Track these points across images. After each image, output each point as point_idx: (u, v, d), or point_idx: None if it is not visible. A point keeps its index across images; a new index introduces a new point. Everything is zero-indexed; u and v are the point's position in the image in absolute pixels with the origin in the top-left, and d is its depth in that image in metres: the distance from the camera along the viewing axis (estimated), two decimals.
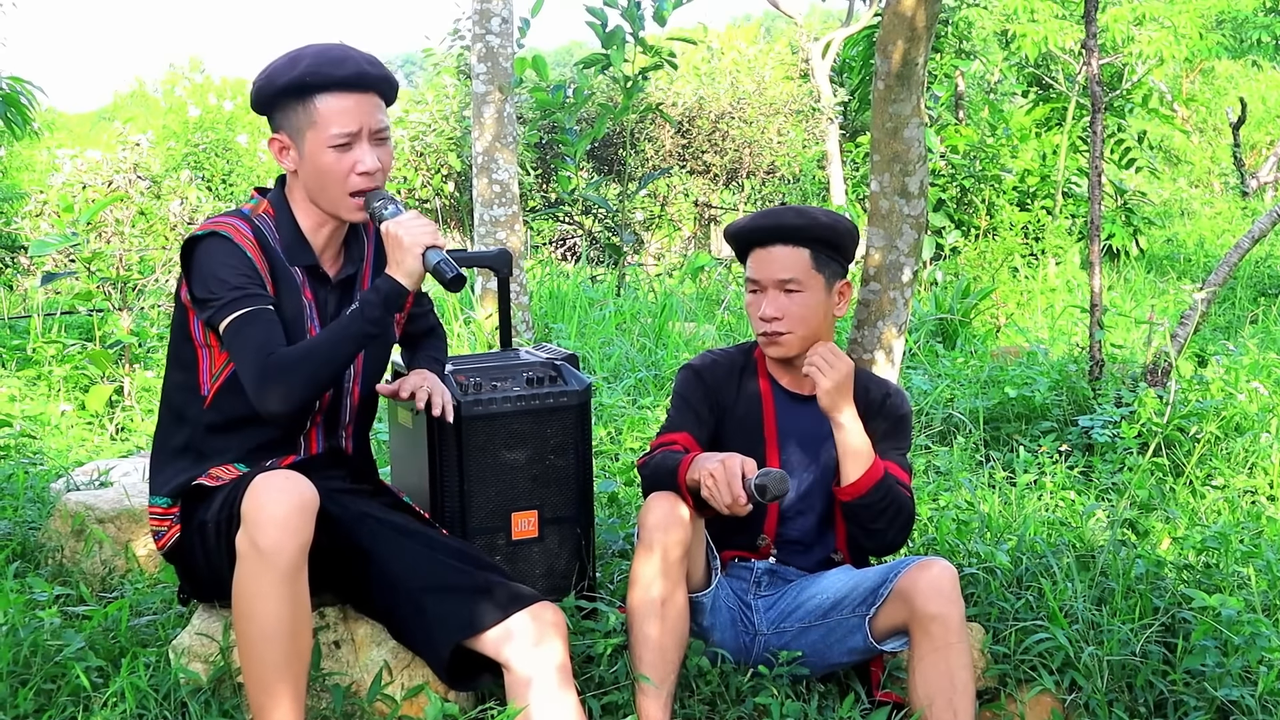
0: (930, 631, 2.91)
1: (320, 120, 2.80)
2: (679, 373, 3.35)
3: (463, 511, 3.22)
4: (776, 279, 3.17)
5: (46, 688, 2.91)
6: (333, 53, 2.83)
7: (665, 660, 2.92)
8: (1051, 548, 3.77)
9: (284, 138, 2.84)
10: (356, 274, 3.01)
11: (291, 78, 2.79)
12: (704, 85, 16.16)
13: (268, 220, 2.87)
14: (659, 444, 3.17)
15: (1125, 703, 3.15)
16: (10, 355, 6.97)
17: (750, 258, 3.24)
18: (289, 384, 2.69)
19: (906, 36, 3.72)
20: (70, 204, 6.88)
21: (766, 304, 3.18)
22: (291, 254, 2.87)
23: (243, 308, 2.71)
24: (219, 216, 2.85)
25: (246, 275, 2.74)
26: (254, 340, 2.70)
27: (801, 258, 3.18)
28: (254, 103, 2.89)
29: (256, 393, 2.69)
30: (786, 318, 3.17)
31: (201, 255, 2.76)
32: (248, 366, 2.69)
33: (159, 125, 15.53)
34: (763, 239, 3.20)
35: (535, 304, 8.93)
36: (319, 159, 2.81)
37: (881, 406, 3.28)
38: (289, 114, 2.82)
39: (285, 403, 2.70)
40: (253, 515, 2.53)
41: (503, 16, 7.56)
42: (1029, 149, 12.26)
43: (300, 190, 2.89)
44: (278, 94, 2.81)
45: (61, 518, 3.94)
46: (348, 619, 3.00)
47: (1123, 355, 6.33)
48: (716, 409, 3.24)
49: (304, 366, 2.70)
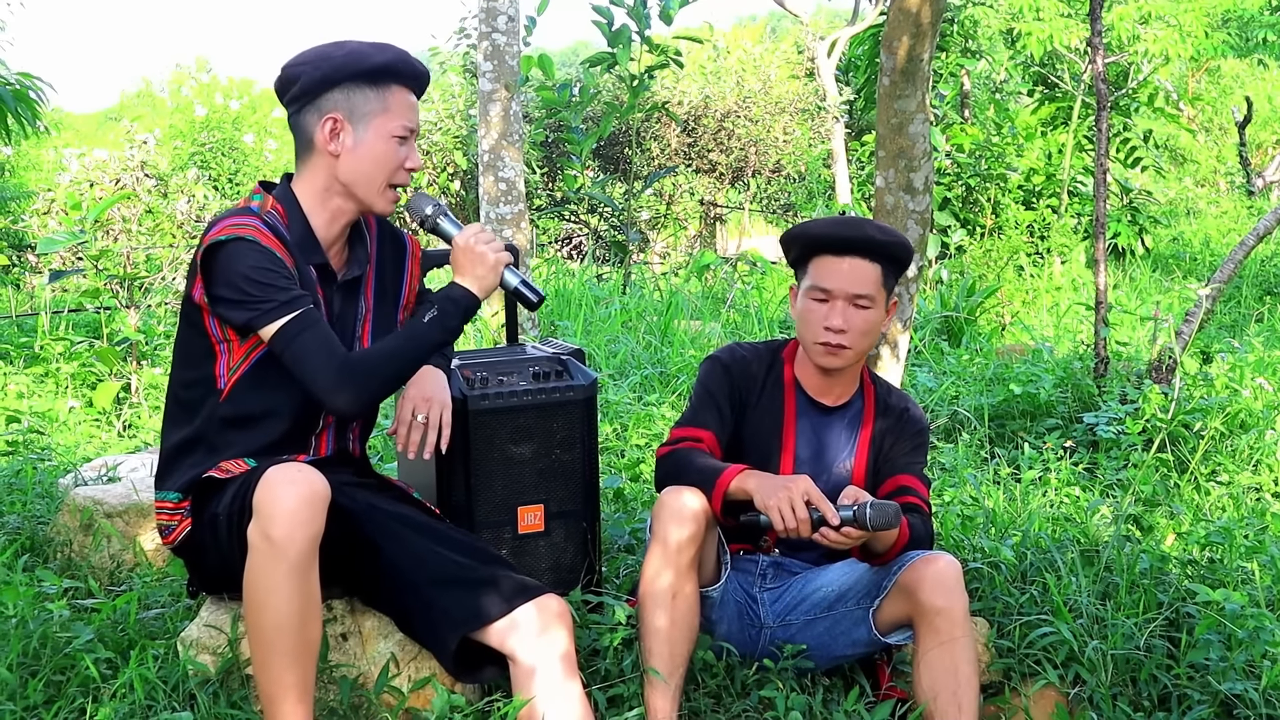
0: (935, 625, 2.92)
1: (392, 109, 2.86)
2: (705, 363, 3.34)
3: (469, 505, 3.24)
4: (850, 292, 3.13)
5: (56, 679, 2.94)
6: (403, 51, 2.92)
7: (674, 653, 2.93)
8: (1056, 543, 3.78)
9: (340, 119, 2.84)
10: (362, 276, 3.03)
11: (380, 62, 2.85)
12: (710, 84, 16.21)
13: (278, 217, 2.87)
14: (682, 436, 3.18)
15: (1129, 697, 3.16)
16: (18, 352, 7.02)
17: (820, 264, 3.18)
18: (368, 386, 2.76)
19: (912, 32, 3.74)
20: (78, 202, 6.93)
21: (836, 315, 3.13)
22: (302, 251, 2.88)
23: (292, 310, 2.73)
24: (232, 217, 2.83)
25: (285, 277, 2.76)
26: (318, 342, 2.73)
27: (876, 274, 3.16)
28: (314, 80, 2.85)
29: (330, 393, 2.73)
30: (851, 331, 3.14)
31: (228, 259, 2.75)
32: (318, 368, 2.72)
33: (166, 125, 15.57)
34: (841, 248, 3.16)
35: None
36: (378, 145, 2.86)
37: (901, 419, 3.29)
38: (356, 97, 2.84)
39: (358, 404, 2.76)
40: (265, 507, 2.55)
41: (509, 15, 7.58)
42: (1034, 148, 12.28)
43: (315, 185, 2.90)
44: (358, 75, 2.84)
45: (70, 512, 3.97)
46: (355, 612, 3.02)
47: (1127, 353, 6.36)
48: (739, 406, 3.23)
49: (384, 369, 2.78)
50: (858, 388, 3.31)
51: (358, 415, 2.88)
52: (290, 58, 2.92)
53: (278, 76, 2.90)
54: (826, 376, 3.25)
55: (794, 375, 3.29)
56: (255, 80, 18.25)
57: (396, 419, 3.05)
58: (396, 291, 3.14)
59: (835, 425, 3.24)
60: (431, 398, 3.05)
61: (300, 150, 2.92)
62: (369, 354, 2.81)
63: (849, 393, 3.28)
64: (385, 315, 3.09)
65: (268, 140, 15.39)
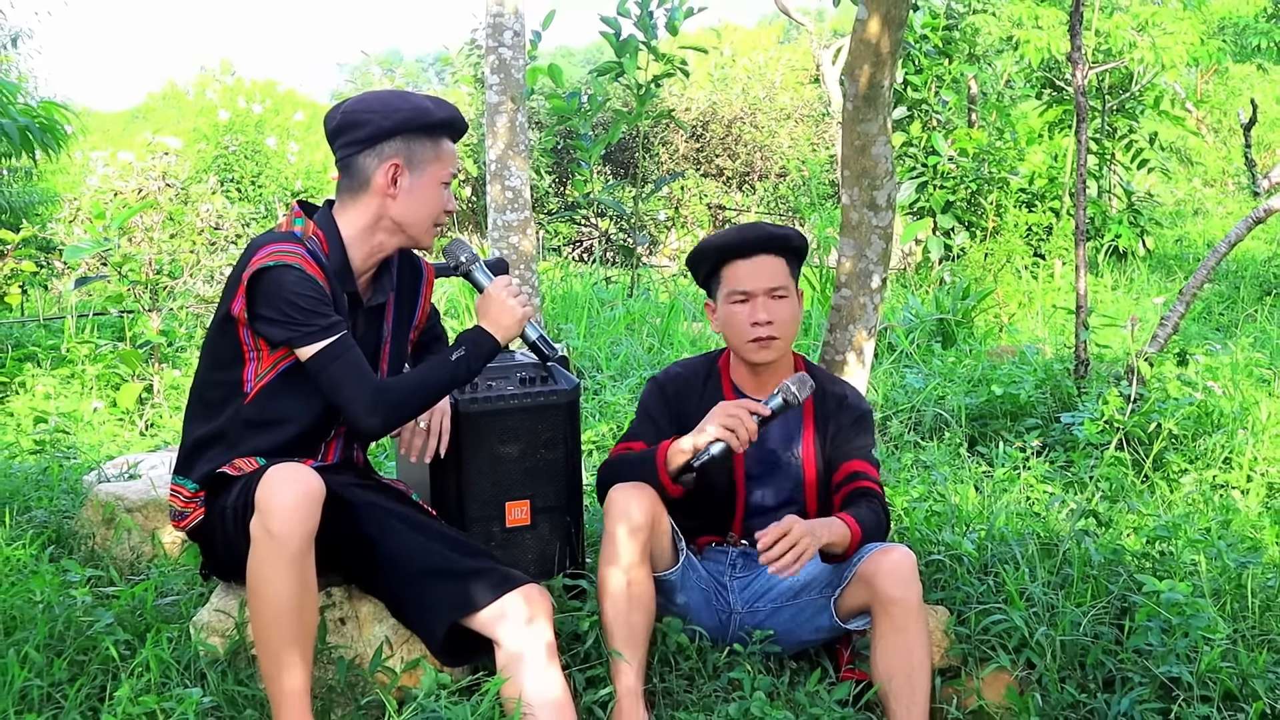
0: (890, 612, 3.10)
1: (443, 158, 3.13)
2: (645, 386, 3.59)
3: (460, 500, 3.44)
4: (766, 287, 3.38)
5: (79, 659, 3.16)
6: (455, 109, 3.20)
7: (634, 636, 3.14)
8: (1017, 537, 3.93)
9: (400, 164, 3.08)
10: (385, 303, 3.25)
11: (440, 118, 3.11)
12: (717, 91, 16.37)
13: (318, 244, 3.08)
14: (617, 451, 3.42)
15: (1077, 679, 3.31)
16: (45, 354, 7.23)
17: (731, 270, 3.42)
18: (398, 413, 3.03)
19: (872, 61, 3.95)
20: (102, 211, 7.12)
21: (760, 310, 3.37)
22: (338, 279, 3.09)
23: (331, 335, 2.96)
24: (278, 243, 3.02)
25: (325, 303, 2.98)
26: (354, 368, 2.98)
27: (783, 266, 3.42)
28: (382, 129, 3.06)
29: (363, 416, 2.98)
30: (777, 321, 3.38)
31: (274, 284, 2.96)
32: (353, 392, 2.96)
33: (189, 128, 15.72)
34: (746, 250, 3.40)
35: (548, 305, 9.15)
36: (430, 190, 3.12)
37: (840, 407, 3.50)
38: (415, 145, 3.09)
39: (387, 427, 3.04)
40: (265, 503, 2.76)
41: (515, 30, 7.81)
42: (1037, 151, 12.39)
43: (361, 221, 3.11)
44: (422, 128, 3.09)
45: (93, 507, 4.19)
46: (352, 598, 3.23)
47: (1109, 355, 6.52)
48: (678, 420, 3.43)
49: (413, 400, 3.04)
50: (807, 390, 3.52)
51: (383, 435, 3.12)
52: (348, 102, 3.13)
53: (339, 119, 3.09)
54: (761, 374, 3.47)
55: (731, 379, 3.51)
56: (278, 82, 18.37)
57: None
58: (412, 314, 3.37)
59: (780, 420, 3.44)
60: (433, 407, 3.29)
61: (351, 187, 3.11)
62: (401, 383, 3.05)
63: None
64: (400, 339, 3.33)
65: (289, 143, 15.53)
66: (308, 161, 15.73)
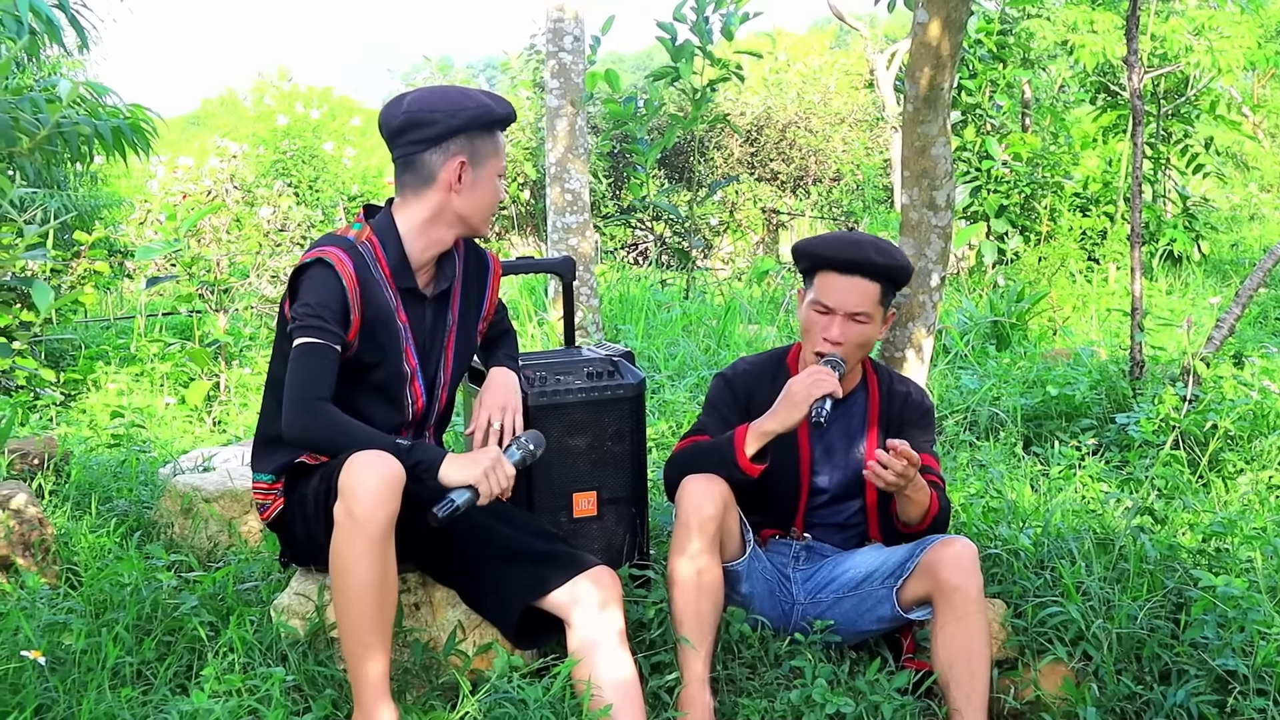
0: (951, 601, 3.17)
1: (500, 152, 3.22)
2: (712, 381, 3.65)
3: (529, 491, 3.54)
4: (850, 310, 3.40)
5: (166, 639, 3.28)
6: (510, 105, 3.27)
7: (703, 624, 3.22)
8: (1074, 533, 3.96)
9: (466, 161, 3.16)
10: (449, 289, 3.33)
11: (502, 115, 3.20)
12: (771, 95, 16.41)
13: (371, 249, 3.16)
14: (684, 445, 3.48)
15: (1133, 672, 3.34)
16: (115, 353, 7.39)
17: (824, 279, 3.44)
18: (308, 433, 3.00)
19: (933, 64, 4.02)
20: (173, 212, 7.29)
21: (834, 328, 3.40)
22: (395, 278, 3.18)
23: (315, 336, 3.02)
24: (327, 245, 3.13)
25: (329, 308, 3.04)
26: (311, 373, 3.01)
27: (874, 292, 3.43)
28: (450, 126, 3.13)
29: (287, 415, 3.00)
30: (847, 344, 3.41)
31: (304, 279, 3.09)
32: (295, 391, 3.00)
33: (248, 133, 15.89)
34: (844, 268, 3.41)
35: (605, 306, 9.24)
36: (490, 183, 3.20)
37: (905, 402, 3.58)
38: (478, 142, 3.17)
39: (293, 439, 3.04)
40: (349, 487, 2.84)
41: (575, 35, 7.92)
42: (1091, 156, 12.35)
43: (421, 215, 3.18)
44: (487, 124, 3.18)
45: (171, 498, 4.33)
46: (426, 584, 3.34)
47: (1164, 357, 6.52)
48: (746, 415, 3.46)
49: (326, 434, 2.99)
50: (861, 378, 3.59)
51: (290, 442, 3.09)
52: (408, 99, 3.17)
53: (402, 117, 3.12)
54: None
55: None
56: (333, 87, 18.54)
57: (474, 424, 3.34)
58: (479, 305, 3.44)
59: (844, 417, 3.52)
60: (505, 405, 3.35)
61: (412, 182, 3.17)
62: (333, 417, 3.00)
63: (852, 384, 3.56)
64: (468, 328, 3.39)
65: (346, 148, 15.68)
66: (364, 166, 15.88)
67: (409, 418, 3.27)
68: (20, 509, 3.86)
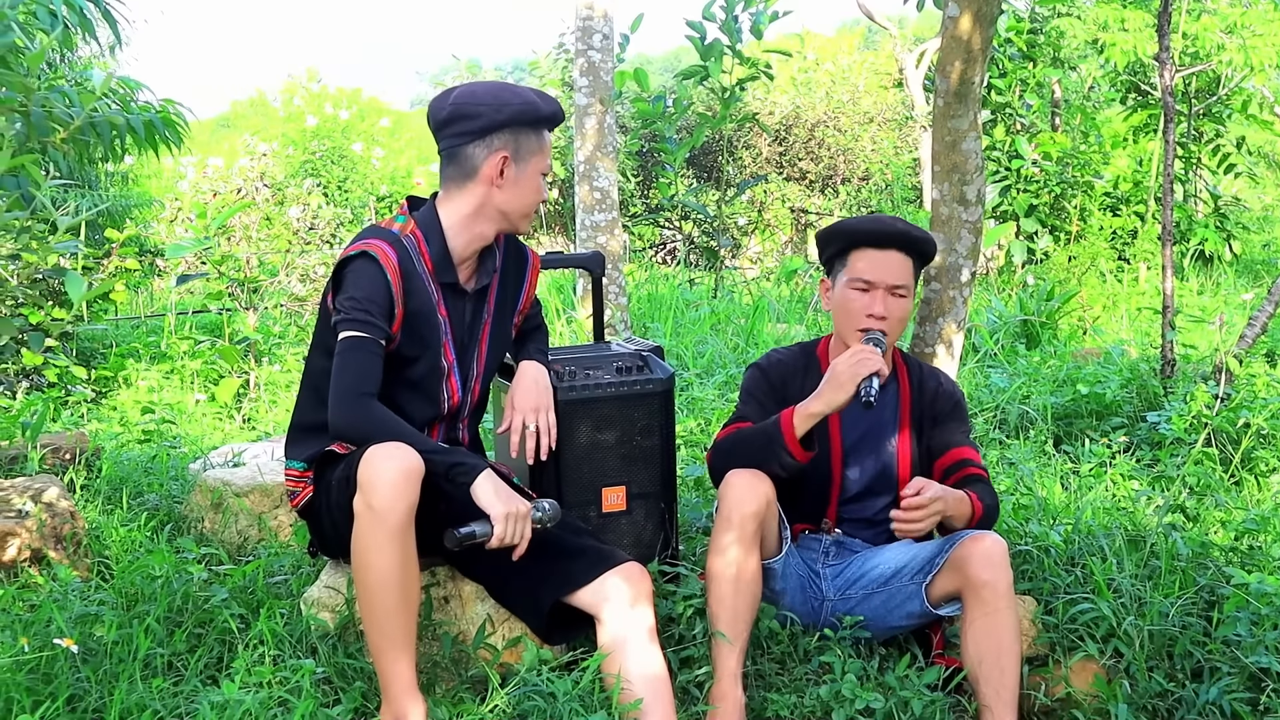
0: (981, 597, 3.15)
1: (545, 150, 3.22)
2: (746, 371, 3.64)
3: (559, 486, 3.53)
4: (890, 283, 3.42)
5: (197, 631, 3.30)
6: (558, 103, 3.27)
7: (739, 620, 3.20)
8: (1104, 530, 3.96)
9: (509, 157, 3.16)
10: (489, 284, 3.34)
11: (547, 113, 3.19)
12: (800, 94, 16.40)
13: (415, 242, 3.18)
14: (726, 433, 3.47)
15: (1164, 669, 3.33)
16: (146, 350, 7.44)
17: (861, 257, 3.45)
18: (358, 432, 3.00)
19: (964, 58, 4.01)
20: (204, 210, 7.33)
21: (878, 304, 3.41)
22: (436, 273, 3.20)
23: (360, 330, 3.04)
24: (372, 238, 3.14)
25: (375, 302, 3.06)
26: (356, 367, 3.02)
27: (909, 266, 3.47)
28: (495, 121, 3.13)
29: (334, 410, 3.01)
30: (891, 318, 3.43)
31: (349, 271, 3.10)
32: (342, 386, 3.01)
33: (278, 133, 15.97)
34: (880, 243, 3.44)
35: (633, 305, 9.25)
36: (532, 180, 3.20)
37: (937, 394, 3.57)
38: (522, 138, 3.16)
39: (339, 433, 3.05)
40: (367, 480, 2.85)
41: (604, 33, 7.93)
42: (1121, 156, 12.30)
43: (465, 209, 3.19)
44: (531, 121, 3.17)
45: (202, 492, 4.35)
46: (455, 578, 3.34)
47: (1195, 355, 6.49)
48: (782, 403, 3.45)
49: (377, 434, 2.96)
50: (891, 369, 3.59)
51: (336, 437, 3.10)
52: (456, 93, 3.18)
53: (449, 110, 3.14)
54: None
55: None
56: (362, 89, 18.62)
57: (508, 426, 3.36)
58: (515, 299, 3.45)
59: (874, 409, 3.48)
60: (538, 407, 3.37)
61: (456, 175, 3.18)
62: (381, 415, 3.00)
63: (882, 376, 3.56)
64: (503, 322, 3.40)
65: (374, 149, 15.75)
66: (392, 167, 15.95)
67: (444, 411, 3.28)
68: (52, 502, 3.89)
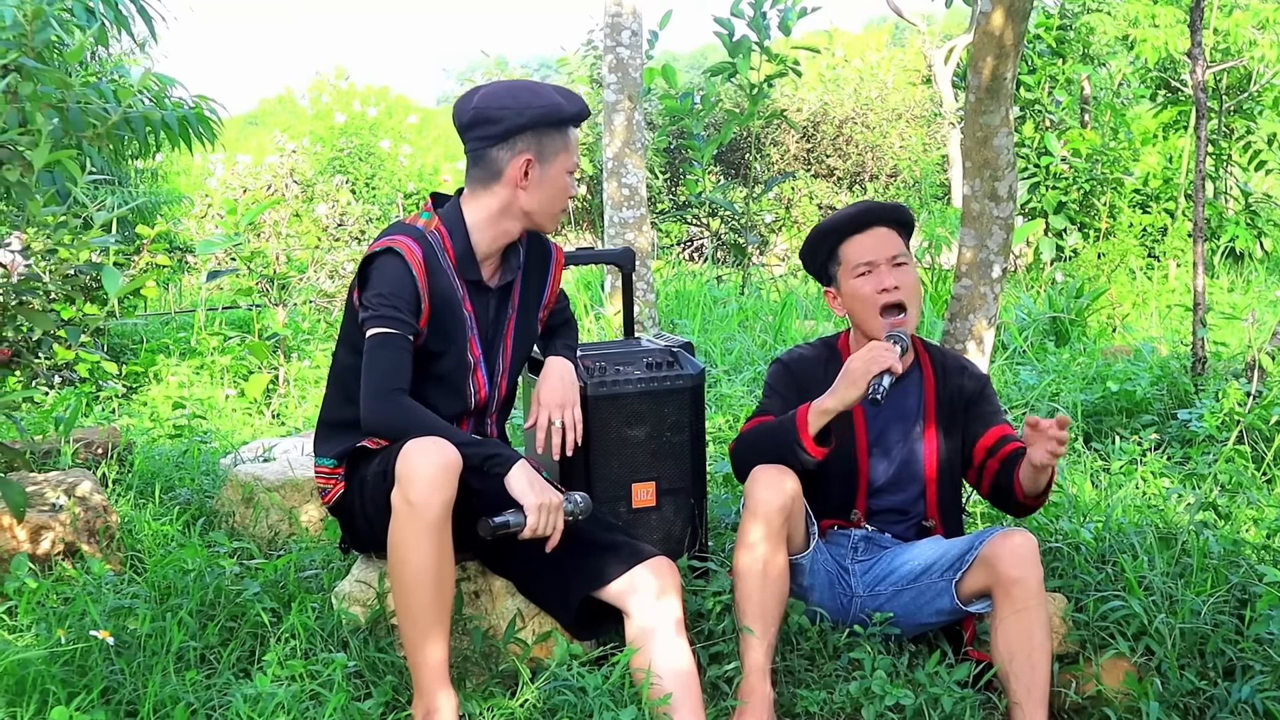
0: (1011, 594, 3.14)
1: (570, 149, 3.23)
2: (770, 367, 3.65)
3: (588, 482, 3.54)
4: (888, 256, 3.46)
5: (229, 624, 3.32)
6: (583, 101, 3.27)
7: (766, 615, 3.20)
8: (1135, 528, 3.94)
9: (533, 158, 3.17)
10: (513, 281, 3.36)
11: (571, 113, 3.20)
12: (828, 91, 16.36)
13: (440, 238, 3.20)
14: (749, 427, 3.48)
15: (1196, 667, 3.32)
16: (176, 346, 7.48)
17: (851, 246, 3.50)
18: (390, 427, 3.05)
19: (995, 53, 4.00)
20: (234, 207, 7.36)
21: (887, 277, 3.44)
22: (460, 269, 3.21)
23: (388, 326, 3.06)
24: (396, 234, 3.17)
25: (402, 298, 3.08)
26: (387, 363, 3.06)
27: (896, 236, 3.52)
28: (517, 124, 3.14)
29: (366, 407, 3.05)
30: (904, 287, 3.45)
31: (374, 268, 3.12)
32: (372, 383, 3.05)
33: (306, 130, 16.01)
34: (863, 224, 3.50)
35: (661, 301, 9.25)
36: (559, 180, 3.21)
37: (962, 380, 3.58)
38: (545, 139, 3.17)
39: (374, 431, 3.10)
40: (405, 474, 2.87)
41: (632, 30, 7.94)
42: (1151, 153, 12.24)
43: (489, 209, 3.21)
44: (555, 121, 3.18)
45: (233, 487, 4.38)
46: (486, 573, 3.36)
47: (1226, 353, 6.45)
48: (804, 397, 3.42)
49: (410, 429, 2.99)
50: (914, 359, 3.59)
51: (368, 433, 3.15)
52: (479, 95, 3.19)
53: (471, 113, 3.15)
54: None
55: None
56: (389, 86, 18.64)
57: (534, 422, 3.37)
58: (540, 294, 3.46)
59: (899, 400, 3.49)
60: (564, 403, 3.36)
61: (481, 177, 3.20)
62: (412, 410, 3.05)
63: (905, 365, 3.54)
64: (528, 316, 3.41)
65: (402, 146, 15.76)
66: (420, 164, 15.96)
67: (471, 406, 3.29)
68: (85, 496, 3.92)
